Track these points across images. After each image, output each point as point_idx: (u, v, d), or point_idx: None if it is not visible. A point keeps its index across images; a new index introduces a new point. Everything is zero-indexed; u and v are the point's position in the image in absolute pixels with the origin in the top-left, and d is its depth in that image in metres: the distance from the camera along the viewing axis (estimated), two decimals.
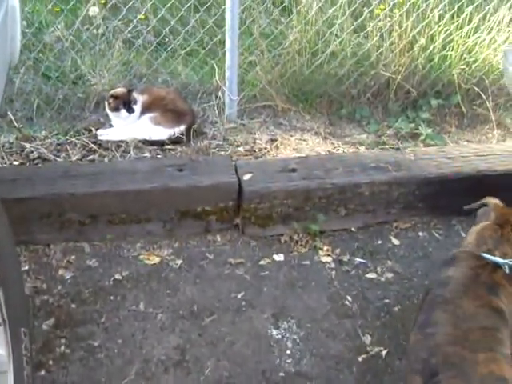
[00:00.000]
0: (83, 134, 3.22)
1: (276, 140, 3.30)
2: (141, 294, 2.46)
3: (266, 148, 3.22)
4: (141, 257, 2.64)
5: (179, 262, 2.63)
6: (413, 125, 3.49)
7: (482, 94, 3.63)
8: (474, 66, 3.69)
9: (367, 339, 2.32)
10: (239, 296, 2.48)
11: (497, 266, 1.87)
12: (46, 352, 2.18)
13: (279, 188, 2.70)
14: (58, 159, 3.03)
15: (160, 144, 3.17)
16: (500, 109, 3.71)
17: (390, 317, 2.42)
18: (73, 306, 2.38)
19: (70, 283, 2.49)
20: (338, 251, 2.73)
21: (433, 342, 1.67)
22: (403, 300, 2.50)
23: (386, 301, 2.49)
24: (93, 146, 3.13)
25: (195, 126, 3.24)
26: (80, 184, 2.62)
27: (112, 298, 2.43)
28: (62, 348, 2.20)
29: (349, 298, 2.50)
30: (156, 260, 2.63)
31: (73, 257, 2.62)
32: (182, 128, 3.19)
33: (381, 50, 3.58)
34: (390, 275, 2.62)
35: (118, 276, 2.53)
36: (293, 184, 2.72)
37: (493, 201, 2.15)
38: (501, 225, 2.03)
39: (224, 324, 2.35)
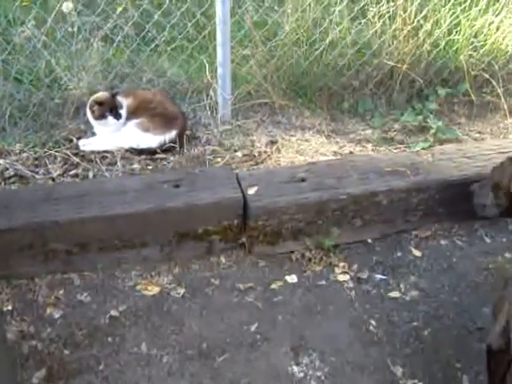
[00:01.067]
0: (63, 145, 2.92)
1: (276, 142, 3.02)
2: (142, 333, 2.17)
3: (266, 152, 2.95)
4: (138, 287, 2.35)
5: (181, 290, 2.35)
6: (420, 117, 3.25)
7: (492, 80, 3.40)
8: (481, 51, 3.45)
9: (398, 371, 2.07)
10: (252, 328, 2.21)
11: None
12: None
13: (288, 202, 2.42)
14: (37, 176, 2.73)
15: (150, 153, 2.87)
16: (511, 95, 3.47)
17: (420, 343, 2.17)
18: (66, 351, 2.09)
19: (60, 324, 2.20)
20: (355, 267, 2.47)
21: None
22: (432, 322, 2.25)
23: (414, 324, 2.25)
24: (75, 158, 2.82)
25: (188, 131, 2.95)
26: (64, 209, 2.31)
27: (110, 339, 2.14)
28: None
29: (373, 323, 2.25)
30: (155, 290, 2.35)
31: (61, 291, 2.32)
32: (173, 134, 2.90)
33: (383, 37, 3.32)
34: (414, 293, 2.37)
35: (114, 312, 2.25)
36: (303, 196, 2.44)
37: None
38: None
39: (238, 363, 2.08)
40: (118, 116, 2.86)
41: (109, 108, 2.83)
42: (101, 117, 2.84)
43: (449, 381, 2.03)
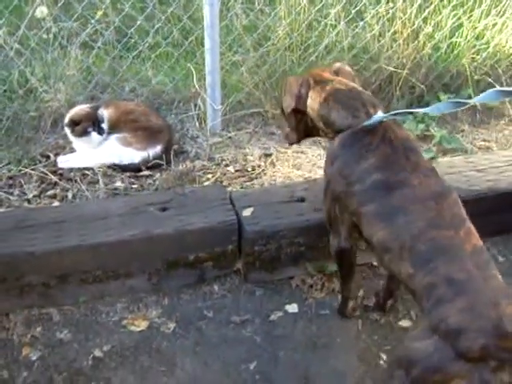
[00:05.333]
0: (40, 163, 2.69)
1: (270, 155, 2.82)
2: (129, 376, 1.95)
3: (259, 166, 2.74)
4: (124, 322, 2.13)
5: (172, 325, 2.13)
6: (422, 125, 3.07)
7: (495, 84, 3.22)
8: (484, 54, 3.27)
9: None
10: (251, 367, 2.00)
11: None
12: None
13: (287, 225, 2.22)
14: (11, 197, 2.49)
15: (134, 169, 2.65)
16: None
17: None
18: None
19: (37, 367, 1.97)
20: (361, 293, 2.27)
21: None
22: None
23: None
24: (52, 177, 2.60)
25: (174, 145, 2.73)
26: (41, 238, 2.08)
27: None
28: None
29: (383, 357, 2.05)
30: (143, 325, 2.12)
31: (38, 329, 2.09)
32: (158, 149, 2.69)
33: (382, 40, 3.13)
34: None
35: (97, 352, 2.02)
36: (304, 219, 2.24)
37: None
38: None
39: None
40: (101, 131, 2.64)
41: (91, 123, 2.60)
42: (83, 133, 2.62)
43: None
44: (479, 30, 3.23)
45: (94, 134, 2.63)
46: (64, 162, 2.68)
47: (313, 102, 1.89)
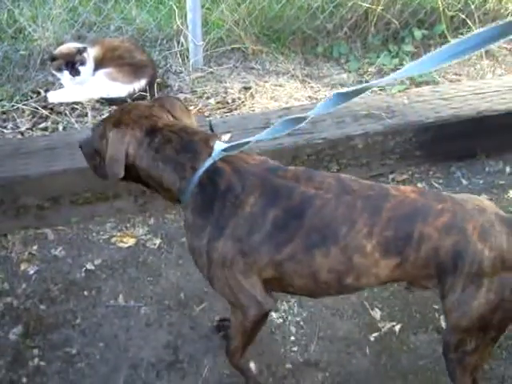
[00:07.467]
0: (31, 98, 2.83)
1: (250, 88, 2.96)
2: (119, 285, 2.15)
3: (239, 98, 2.88)
4: (113, 239, 2.32)
5: (157, 241, 2.32)
6: (396, 60, 3.21)
7: (468, 21, 3.34)
8: None
9: (377, 314, 2.09)
10: None
11: None
12: (18, 367, 1.87)
13: (263, 148, 2.37)
14: (5, 131, 2.64)
15: (120, 103, 2.78)
16: None
17: (397, 285, 2.17)
18: (42, 307, 2.07)
19: (35, 279, 2.17)
20: None
21: None
22: None
23: None
24: (43, 111, 2.74)
25: (158, 79, 2.87)
26: (34, 163, 2.25)
27: (86, 293, 2.12)
28: (36, 360, 1.90)
29: None
30: (131, 242, 2.32)
31: (35, 247, 2.29)
32: (143, 83, 2.82)
33: None
34: None
35: (89, 265, 2.22)
36: (278, 142, 2.40)
37: None
38: None
39: (217, 312, 2.07)
40: (74, 72, 2.74)
41: (65, 62, 2.72)
42: (57, 70, 2.75)
43: (426, 322, 2.04)
44: None
45: (66, 73, 2.74)
46: (54, 97, 2.82)
47: (143, 164, 1.53)
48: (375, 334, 2.02)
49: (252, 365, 1.88)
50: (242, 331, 1.63)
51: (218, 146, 1.50)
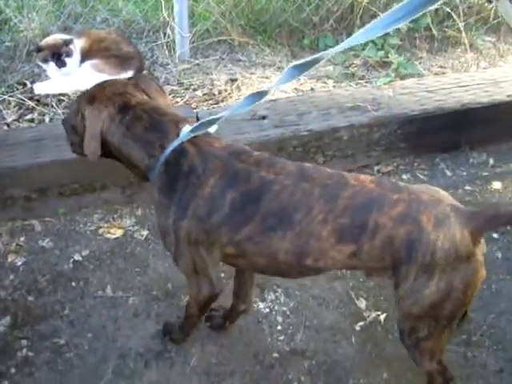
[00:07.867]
0: (17, 90, 2.83)
1: (236, 80, 2.97)
2: (106, 276, 2.16)
3: (226, 90, 2.90)
4: (100, 230, 2.33)
5: (144, 232, 2.34)
6: (382, 52, 3.22)
7: (453, 14, 3.37)
8: None
9: (362, 303, 2.12)
10: None
11: None
12: (6, 359, 1.88)
13: (249, 140, 2.40)
14: None
15: None
16: (471, 29, 3.45)
17: None
18: (30, 298, 2.08)
19: (23, 271, 2.18)
20: None
21: None
22: None
23: None
24: (30, 102, 2.74)
25: (145, 71, 2.87)
26: (21, 155, 2.26)
27: (74, 284, 2.13)
28: (24, 351, 1.91)
29: None
30: (118, 233, 2.33)
31: (22, 238, 2.29)
32: (130, 74, 2.81)
33: None
34: None
35: (77, 256, 2.23)
36: (264, 134, 2.42)
37: None
38: None
39: None
40: (59, 63, 2.71)
41: (51, 53, 2.70)
42: (43, 61, 2.74)
43: None
44: None
45: (52, 65, 2.72)
46: (40, 88, 2.81)
47: (114, 140, 1.60)
48: (361, 324, 2.05)
49: None
50: (197, 302, 1.74)
51: (187, 128, 1.56)
